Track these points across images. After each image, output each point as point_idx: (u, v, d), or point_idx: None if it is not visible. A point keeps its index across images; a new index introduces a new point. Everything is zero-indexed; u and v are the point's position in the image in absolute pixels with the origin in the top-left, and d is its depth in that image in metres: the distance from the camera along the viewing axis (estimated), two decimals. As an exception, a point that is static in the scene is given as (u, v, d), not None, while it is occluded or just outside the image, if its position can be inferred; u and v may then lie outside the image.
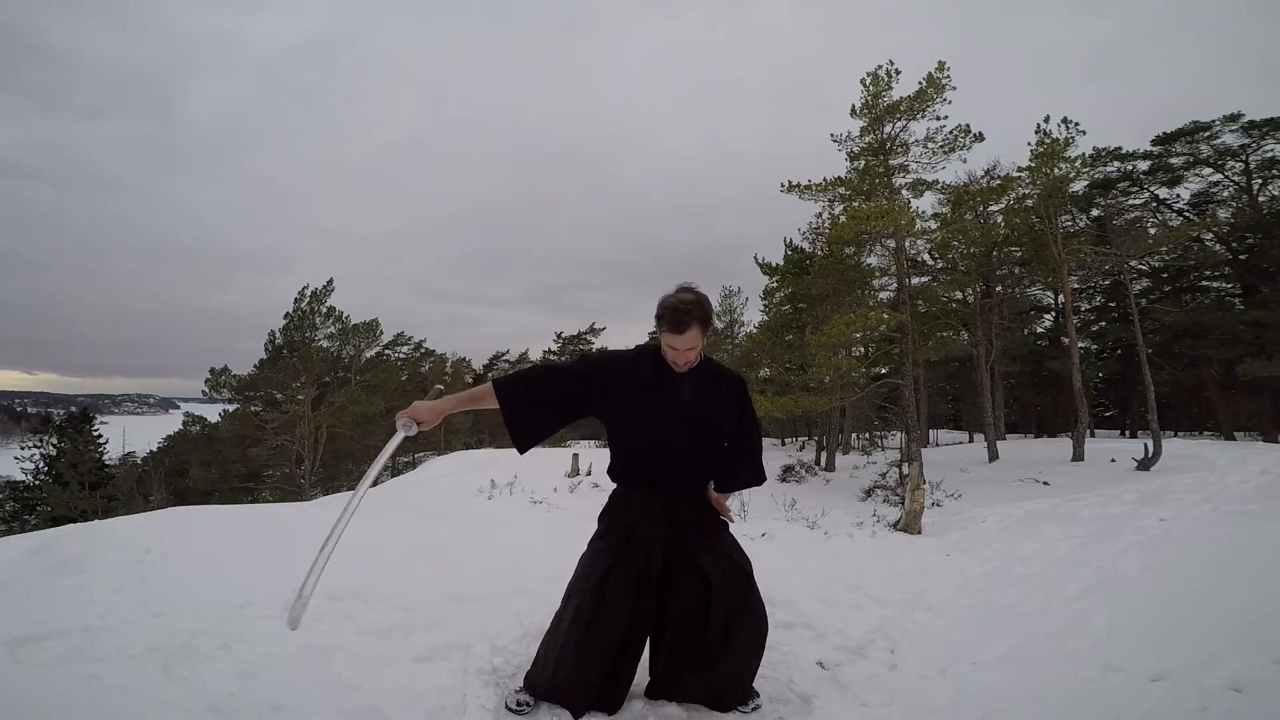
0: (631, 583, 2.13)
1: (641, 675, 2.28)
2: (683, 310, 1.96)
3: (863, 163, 13.64)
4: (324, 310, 23.93)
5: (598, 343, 38.28)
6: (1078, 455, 12.70)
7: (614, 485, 2.31)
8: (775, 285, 18.61)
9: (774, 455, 19.20)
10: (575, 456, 11.77)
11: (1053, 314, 25.74)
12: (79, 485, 24.00)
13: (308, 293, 23.84)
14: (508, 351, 41.00)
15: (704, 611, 2.16)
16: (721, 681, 2.20)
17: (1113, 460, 12.03)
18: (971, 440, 26.12)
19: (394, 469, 28.64)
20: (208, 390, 23.68)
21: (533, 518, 6.77)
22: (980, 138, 13.15)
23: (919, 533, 5.45)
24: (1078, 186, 17.23)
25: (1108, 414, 29.12)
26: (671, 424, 2.16)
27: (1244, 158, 20.62)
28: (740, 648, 2.18)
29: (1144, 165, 21.83)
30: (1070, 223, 19.27)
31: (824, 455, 17.13)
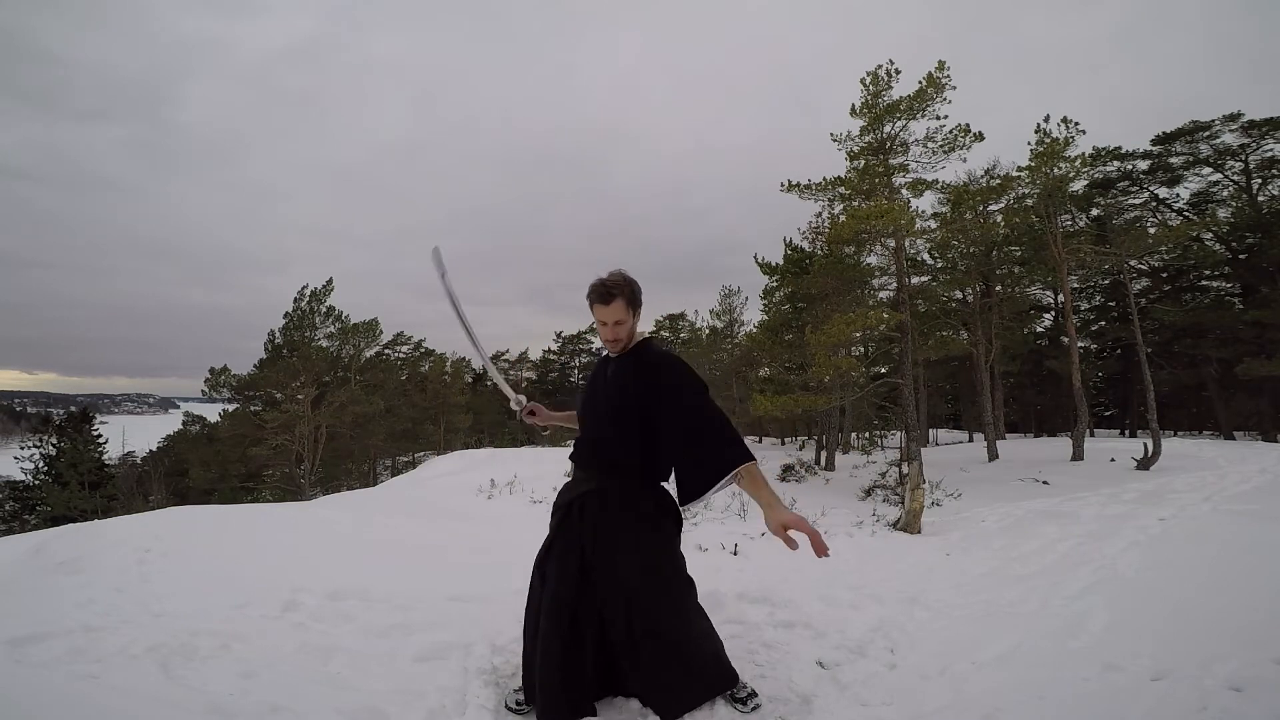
0: (571, 561, 2.09)
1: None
2: (609, 284, 2.09)
3: (862, 162, 13.63)
4: (323, 310, 23.92)
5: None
6: (1077, 455, 12.70)
7: None
8: (775, 285, 18.60)
9: (774, 454, 19.18)
10: (575, 456, 11.74)
11: (1052, 313, 25.74)
12: (79, 485, 23.97)
13: (307, 292, 23.82)
14: (507, 351, 41.05)
15: (623, 609, 2.08)
16: (645, 684, 2.11)
17: (1112, 460, 12.03)
18: (971, 440, 26.11)
19: (394, 469, 28.69)
20: (207, 390, 23.67)
21: (533, 517, 6.76)
22: (980, 137, 13.14)
23: (919, 532, 5.46)
24: (1077, 186, 17.24)
25: (1107, 413, 29.11)
26: (590, 402, 2.24)
27: (1244, 157, 20.61)
28: (651, 643, 2.08)
29: (1144, 165, 21.84)
30: (1070, 222, 19.26)
31: (824, 455, 17.11)
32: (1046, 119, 13.16)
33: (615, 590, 2.09)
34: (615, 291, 2.08)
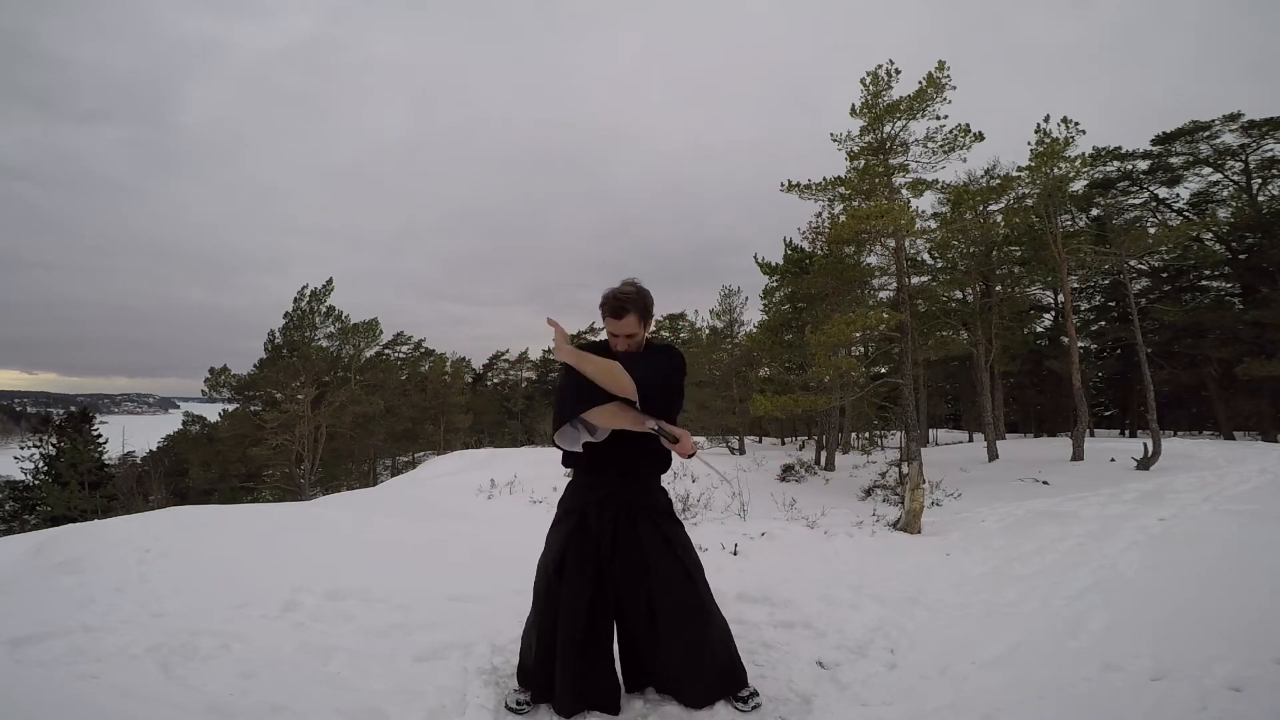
0: (588, 569, 2.13)
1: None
2: (622, 298, 2.10)
3: (862, 162, 13.63)
4: (323, 310, 23.92)
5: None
6: (1077, 455, 12.69)
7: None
8: (775, 285, 18.61)
9: (774, 455, 19.19)
10: (575, 456, 11.73)
11: (1052, 313, 25.73)
12: (79, 485, 23.96)
13: (307, 292, 23.82)
14: (507, 351, 41.09)
15: (645, 603, 2.16)
16: (670, 672, 2.19)
17: (1112, 460, 12.02)
18: (971, 440, 26.11)
19: (394, 469, 28.69)
20: (207, 390, 23.67)
21: (533, 517, 6.76)
22: (980, 137, 13.14)
23: (919, 532, 5.45)
24: (1077, 186, 17.25)
25: (1107, 413, 29.11)
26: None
27: (1244, 157, 20.61)
28: (679, 638, 2.15)
29: (1144, 165, 21.83)
30: (1070, 222, 19.27)
31: (824, 455, 17.11)
32: (1046, 119, 13.16)
33: (640, 579, 2.15)
34: (629, 306, 2.09)
